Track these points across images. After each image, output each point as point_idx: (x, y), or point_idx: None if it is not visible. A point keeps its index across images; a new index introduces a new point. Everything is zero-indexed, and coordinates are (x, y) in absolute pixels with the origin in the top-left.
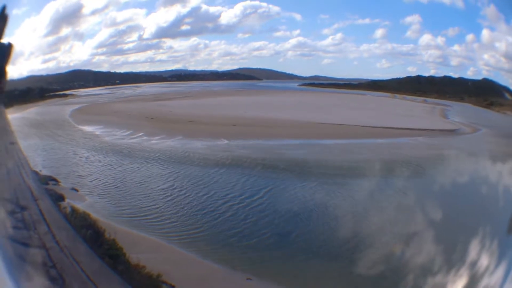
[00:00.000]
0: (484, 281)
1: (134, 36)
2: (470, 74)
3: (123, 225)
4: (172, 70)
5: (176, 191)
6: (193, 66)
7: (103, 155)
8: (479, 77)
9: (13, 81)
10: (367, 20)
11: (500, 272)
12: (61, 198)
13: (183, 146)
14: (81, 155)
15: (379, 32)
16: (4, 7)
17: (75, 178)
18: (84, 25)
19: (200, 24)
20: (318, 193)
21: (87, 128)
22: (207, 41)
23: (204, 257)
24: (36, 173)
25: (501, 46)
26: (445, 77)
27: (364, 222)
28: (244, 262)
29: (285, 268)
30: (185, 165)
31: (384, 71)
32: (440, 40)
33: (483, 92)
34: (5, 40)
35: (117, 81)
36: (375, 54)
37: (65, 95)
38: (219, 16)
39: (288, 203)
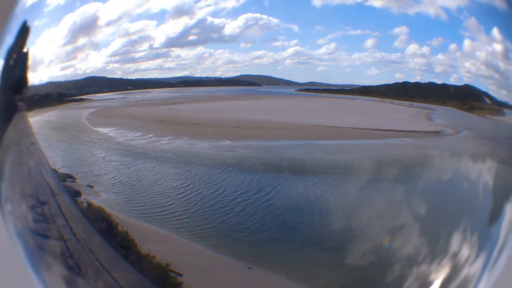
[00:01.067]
0: (465, 270)
1: (145, 45)
2: (452, 80)
3: (135, 219)
4: (179, 77)
5: (186, 188)
6: (199, 73)
7: (118, 155)
8: (461, 83)
9: (33, 86)
10: (358, 31)
11: (480, 262)
12: (78, 194)
13: (190, 146)
14: (98, 155)
15: (370, 42)
16: (25, 21)
17: (92, 177)
18: (99, 35)
19: (206, 34)
20: (318, 190)
21: (102, 130)
22: (212, 50)
23: (212, 249)
24: (55, 171)
25: (481, 55)
26: (429, 83)
27: (359, 217)
28: (248, 254)
29: (284, 260)
30: (193, 164)
31: (373, 77)
32: (425, 49)
33: (464, 97)
34: (25, 49)
35: (129, 87)
36: (365, 62)
37: (81, 100)
38: (223, 27)
39: (289, 199)
